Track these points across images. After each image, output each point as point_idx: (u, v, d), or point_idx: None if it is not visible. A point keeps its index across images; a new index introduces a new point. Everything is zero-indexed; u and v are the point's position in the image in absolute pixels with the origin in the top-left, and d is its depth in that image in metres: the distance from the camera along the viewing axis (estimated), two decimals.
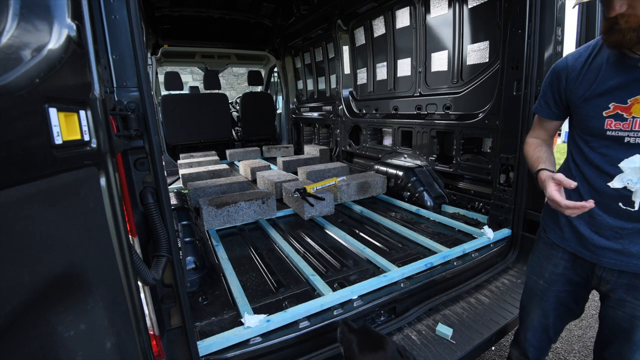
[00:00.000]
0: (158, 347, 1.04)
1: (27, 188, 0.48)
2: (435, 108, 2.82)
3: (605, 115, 0.93)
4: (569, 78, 1.02)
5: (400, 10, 3.01)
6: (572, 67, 1.02)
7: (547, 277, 1.18)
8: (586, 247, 1.05)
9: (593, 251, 1.03)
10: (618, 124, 0.91)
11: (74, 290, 0.56)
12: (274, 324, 1.33)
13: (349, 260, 1.93)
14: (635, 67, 0.88)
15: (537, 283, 1.22)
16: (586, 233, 1.03)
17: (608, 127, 0.93)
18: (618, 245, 0.98)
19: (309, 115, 5.06)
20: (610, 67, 0.93)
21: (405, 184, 2.86)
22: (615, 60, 0.92)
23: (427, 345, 1.42)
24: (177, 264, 1.07)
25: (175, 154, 4.91)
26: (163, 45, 4.70)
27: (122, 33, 0.94)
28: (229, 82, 14.31)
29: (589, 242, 1.03)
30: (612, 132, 0.92)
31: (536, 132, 1.22)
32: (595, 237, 1.01)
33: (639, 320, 0.99)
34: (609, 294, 1.05)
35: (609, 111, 0.92)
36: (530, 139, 1.21)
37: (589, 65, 0.98)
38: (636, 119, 0.88)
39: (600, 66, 0.95)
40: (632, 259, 0.96)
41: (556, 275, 1.16)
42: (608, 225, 0.98)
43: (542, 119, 1.18)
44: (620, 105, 0.90)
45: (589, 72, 0.98)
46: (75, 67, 0.60)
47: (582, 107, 0.99)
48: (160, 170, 1.02)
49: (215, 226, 2.31)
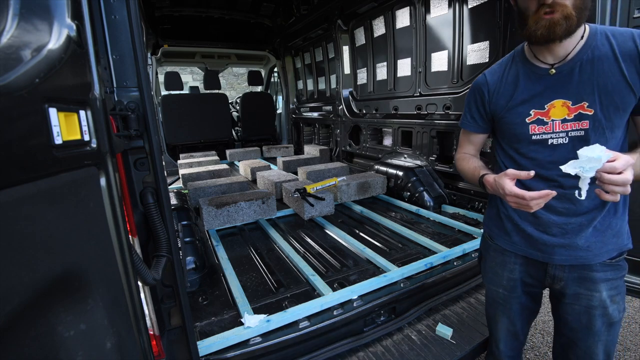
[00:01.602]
0: (158, 347, 1.04)
1: (27, 188, 0.48)
2: (435, 108, 2.82)
3: (528, 122, 1.00)
4: (490, 91, 1.09)
5: (400, 10, 3.01)
6: (490, 81, 1.10)
7: (505, 284, 1.18)
8: (536, 247, 1.06)
9: (543, 250, 1.05)
10: (541, 128, 0.98)
11: (74, 290, 0.56)
12: (274, 324, 1.33)
13: (349, 260, 1.93)
14: (547, 75, 0.97)
15: (497, 292, 1.21)
16: (534, 234, 1.05)
17: (533, 132, 0.99)
18: (565, 241, 1.00)
19: (309, 115, 5.06)
20: (525, 78, 1.01)
21: (405, 184, 2.86)
22: (528, 72, 1.01)
23: (427, 345, 1.42)
24: (177, 264, 1.07)
25: (175, 154, 4.91)
26: (163, 45, 4.70)
27: (122, 33, 0.94)
28: (229, 82, 14.30)
29: (539, 242, 1.04)
30: (537, 135, 0.99)
31: (464, 148, 1.26)
32: (544, 236, 1.03)
33: (594, 309, 1.02)
34: (563, 290, 1.07)
35: (530, 117, 0.99)
36: (460, 155, 1.25)
37: (505, 79, 1.06)
38: (555, 121, 0.96)
39: (516, 78, 1.03)
40: (579, 252, 1.00)
41: (514, 280, 1.15)
42: (553, 223, 1.01)
43: (469, 134, 1.22)
44: (540, 111, 0.98)
45: (507, 85, 1.05)
46: (75, 67, 0.60)
47: (506, 117, 1.05)
48: (160, 170, 1.02)
49: (215, 226, 2.31)
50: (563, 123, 0.95)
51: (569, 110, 0.94)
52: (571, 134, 0.95)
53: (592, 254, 1.00)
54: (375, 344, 1.45)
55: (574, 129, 0.95)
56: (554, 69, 0.96)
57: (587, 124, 0.93)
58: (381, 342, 1.46)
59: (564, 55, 0.94)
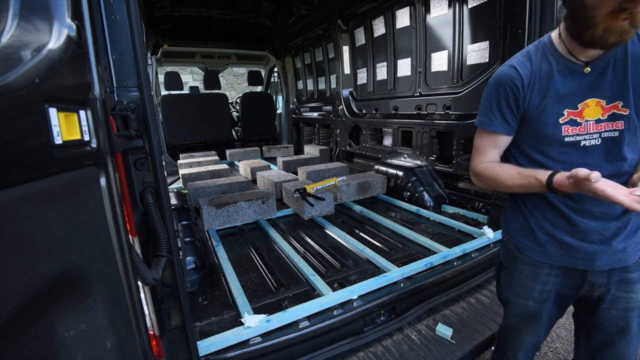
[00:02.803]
0: (158, 347, 1.04)
1: (27, 188, 0.48)
2: (435, 108, 2.82)
3: (562, 122, 0.94)
4: (525, 86, 0.98)
5: (400, 10, 3.01)
6: (524, 75, 0.98)
7: (536, 296, 1.12)
8: (576, 256, 1.02)
9: (584, 258, 1.01)
10: (574, 129, 0.93)
11: (74, 290, 0.56)
12: (274, 324, 1.33)
13: (349, 260, 1.93)
14: (582, 73, 0.92)
15: (525, 305, 1.15)
16: (573, 243, 1.00)
17: (566, 134, 0.94)
18: (605, 246, 0.98)
19: (309, 115, 5.06)
20: (560, 74, 0.94)
21: (405, 184, 2.86)
22: (562, 67, 0.94)
23: (427, 345, 1.42)
24: (177, 264, 1.07)
25: (175, 154, 4.91)
26: (163, 45, 4.70)
27: (122, 33, 0.94)
28: (229, 82, 14.29)
29: (579, 250, 1.00)
30: (570, 137, 0.94)
31: (488, 155, 1.08)
32: (583, 244, 1.00)
33: (632, 311, 1.01)
34: (602, 296, 1.04)
35: (564, 118, 0.93)
36: (485, 165, 1.07)
37: (537, 73, 0.97)
38: (589, 122, 0.92)
39: (550, 74, 0.95)
40: (618, 254, 0.98)
41: (547, 292, 1.10)
42: (592, 229, 0.97)
43: (496, 137, 1.06)
44: (573, 110, 0.92)
45: (540, 80, 0.96)
46: (75, 67, 0.60)
47: (539, 117, 0.97)
48: (160, 170, 1.02)
49: (215, 226, 2.30)
50: (597, 124, 0.90)
51: (602, 110, 0.90)
52: (604, 135, 0.90)
53: (628, 255, 0.98)
54: (375, 344, 1.45)
55: (607, 129, 0.90)
56: (589, 67, 0.90)
57: (621, 125, 0.89)
58: (381, 342, 1.46)
59: (598, 54, 0.89)
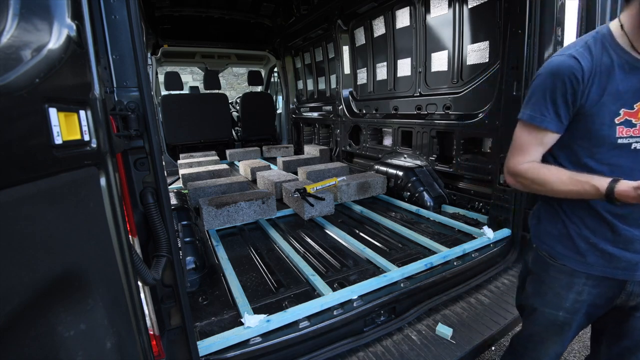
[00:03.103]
0: (158, 347, 1.04)
1: (27, 188, 0.48)
2: (435, 108, 2.82)
3: (617, 122, 0.87)
4: (585, 79, 0.88)
5: (400, 10, 3.01)
6: (585, 67, 0.88)
7: (568, 306, 1.07)
8: (617, 266, 0.98)
9: (626, 268, 0.98)
10: (628, 130, 0.87)
11: (74, 290, 0.56)
12: (274, 324, 1.33)
13: (349, 260, 1.93)
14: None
15: (555, 315, 1.10)
16: (615, 252, 0.96)
17: (620, 135, 0.87)
18: None
19: (309, 115, 5.06)
20: (620, 70, 0.87)
21: (405, 184, 2.86)
22: (623, 62, 0.87)
23: (427, 345, 1.42)
24: (177, 264, 1.07)
25: (175, 154, 4.91)
26: (163, 45, 4.70)
27: (122, 33, 0.94)
28: (229, 82, 14.29)
29: (621, 260, 0.97)
30: (624, 139, 0.88)
31: (531, 154, 1.00)
32: (626, 254, 0.96)
33: None
34: (638, 305, 1.02)
35: (619, 118, 0.87)
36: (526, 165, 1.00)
37: (597, 67, 0.88)
38: None
39: (610, 68, 0.87)
40: None
41: (580, 303, 1.06)
42: (636, 238, 0.94)
43: (545, 134, 0.97)
44: (629, 111, 0.87)
45: (600, 74, 0.88)
46: (75, 67, 0.60)
47: (594, 115, 0.89)
48: (160, 170, 1.02)
49: (215, 226, 2.30)
50: None
51: None
52: None
53: None
54: (375, 344, 1.45)
55: None
56: None
57: None
58: (381, 342, 1.46)
59: None
